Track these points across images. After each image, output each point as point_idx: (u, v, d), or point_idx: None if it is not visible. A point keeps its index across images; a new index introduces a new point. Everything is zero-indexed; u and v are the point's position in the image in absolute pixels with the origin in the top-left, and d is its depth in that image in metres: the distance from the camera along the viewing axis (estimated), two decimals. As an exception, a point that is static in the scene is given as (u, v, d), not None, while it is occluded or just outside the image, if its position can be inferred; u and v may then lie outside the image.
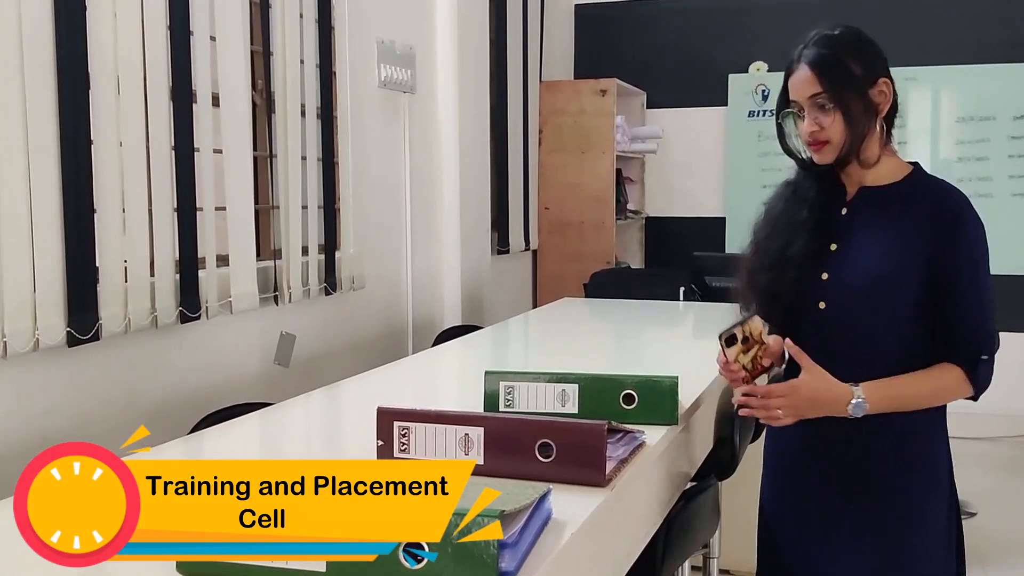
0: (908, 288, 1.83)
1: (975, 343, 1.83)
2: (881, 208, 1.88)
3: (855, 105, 1.82)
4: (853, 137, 1.83)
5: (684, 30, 6.26)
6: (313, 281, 3.43)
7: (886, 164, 1.90)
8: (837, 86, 1.82)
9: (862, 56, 1.85)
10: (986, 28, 5.75)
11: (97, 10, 2.46)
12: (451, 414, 1.67)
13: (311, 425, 2.28)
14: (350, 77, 3.65)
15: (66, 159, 2.37)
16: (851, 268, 1.87)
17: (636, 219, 6.25)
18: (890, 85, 1.87)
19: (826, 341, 1.87)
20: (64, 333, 2.38)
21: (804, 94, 1.86)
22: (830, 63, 1.84)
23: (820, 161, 1.89)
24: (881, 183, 1.90)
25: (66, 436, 2.46)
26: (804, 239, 1.90)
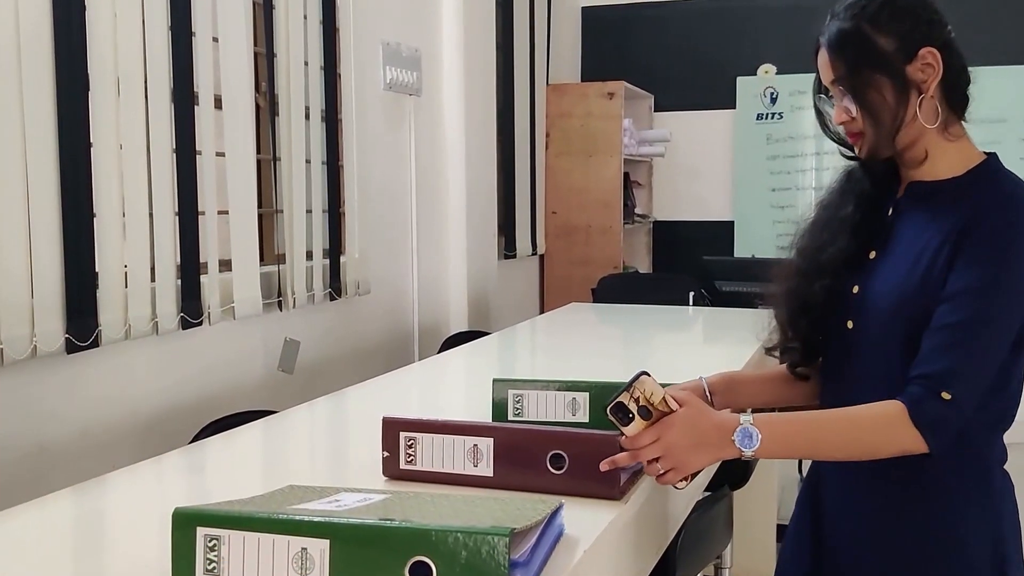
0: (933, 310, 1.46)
1: (935, 370, 1.40)
2: (929, 209, 1.52)
3: (881, 90, 1.48)
4: (878, 132, 1.49)
5: (692, 32, 6.22)
6: (317, 286, 3.38)
7: (947, 153, 1.52)
8: (855, 70, 1.49)
9: (896, 24, 1.49)
10: (997, 30, 5.69)
11: (97, 9, 2.41)
12: (459, 424, 1.60)
13: (315, 435, 2.22)
14: (355, 79, 3.61)
15: (65, 162, 2.33)
16: (883, 282, 1.54)
17: (644, 223, 6.20)
18: (937, 55, 1.48)
19: (853, 367, 1.56)
20: (62, 339, 2.33)
21: (825, 79, 1.56)
22: (849, 41, 1.50)
23: (861, 155, 1.57)
24: (937, 177, 1.53)
25: (64, 446, 2.41)
26: (844, 242, 1.60)
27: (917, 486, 1.54)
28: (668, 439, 1.42)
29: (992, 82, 6.03)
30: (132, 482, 1.74)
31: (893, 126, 1.49)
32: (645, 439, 1.42)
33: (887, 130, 1.49)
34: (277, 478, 1.79)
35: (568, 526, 1.39)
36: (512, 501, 1.35)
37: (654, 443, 1.42)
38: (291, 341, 3.26)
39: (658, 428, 1.42)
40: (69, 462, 2.42)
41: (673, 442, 1.42)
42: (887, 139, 1.50)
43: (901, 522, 1.57)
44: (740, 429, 1.42)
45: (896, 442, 1.43)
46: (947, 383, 1.40)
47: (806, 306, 1.64)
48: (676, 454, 1.42)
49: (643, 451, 1.43)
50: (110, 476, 1.76)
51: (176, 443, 2.41)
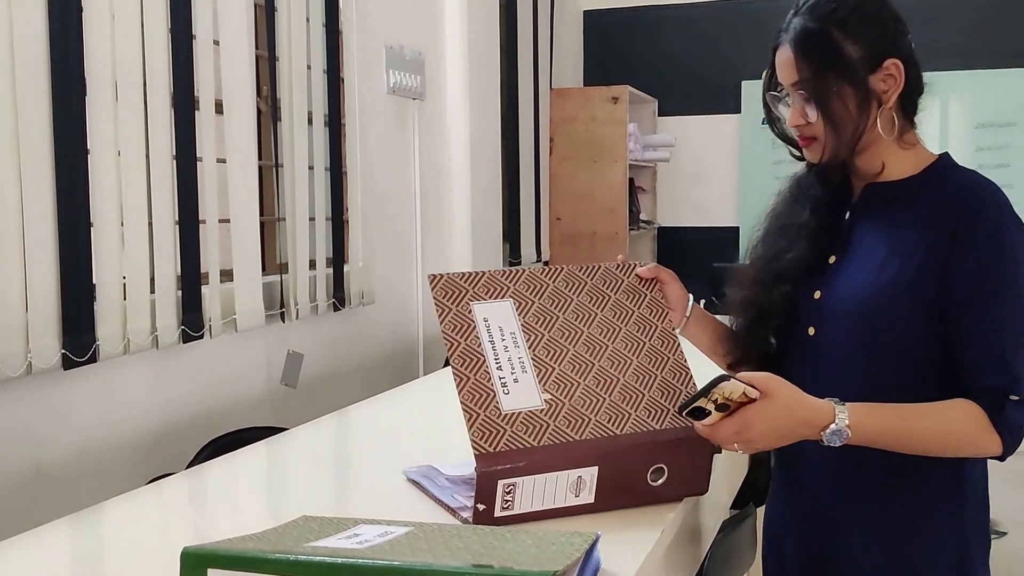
0: (913, 311, 1.44)
1: (1001, 376, 1.39)
2: (888, 210, 1.51)
3: (844, 99, 1.45)
4: (839, 141, 1.47)
5: (696, 36, 6.14)
6: (321, 296, 3.28)
7: (901, 157, 1.51)
8: (820, 75, 1.45)
9: (863, 31, 1.45)
10: (1005, 32, 5.62)
11: (94, 11, 2.31)
12: (562, 457, 1.41)
13: (321, 457, 2.13)
14: (358, 83, 3.51)
15: (60, 169, 2.23)
16: (846, 287, 1.50)
17: (648, 229, 6.11)
18: (900, 67, 1.46)
19: (816, 376, 1.50)
20: (59, 355, 2.23)
21: (785, 79, 1.50)
22: (814, 43, 1.45)
23: (810, 159, 1.54)
24: (892, 178, 1.52)
25: (62, 467, 2.31)
26: (803, 248, 1.56)
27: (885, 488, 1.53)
28: (750, 434, 1.37)
29: (1002, 85, 5.99)
30: (131, 511, 1.65)
31: (853, 136, 1.47)
32: (726, 431, 1.38)
33: (846, 140, 1.47)
34: (283, 505, 1.70)
35: (604, 559, 1.30)
36: (547, 536, 1.25)
37: (735, 434, 1.37)
38: (294, 354, 3.16)
39: (739, 421, 1.36)
40: (67, 484, 2.32)
41: (755, 437, 1.38)
42: (846, 148, 1.48)
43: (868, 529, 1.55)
44: (833, 430, 1.37)
45: (975, 446, 1.42)
46: (1016, 387, 1.39)
47: (765, 315, 1.61)
48: (757, 444, 1.40)
49: (723, 441, 1.40)
50: (108, 504, 1.66)
51: (178, 462, 2.32)
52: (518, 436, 1.38)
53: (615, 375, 1.47)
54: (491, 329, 1.42)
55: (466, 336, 1.41)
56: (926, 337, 1.45)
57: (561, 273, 1.52)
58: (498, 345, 1.41)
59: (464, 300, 1.42)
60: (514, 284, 1.46)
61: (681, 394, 1.51)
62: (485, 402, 1.38)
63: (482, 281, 1.45)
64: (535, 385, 1.41)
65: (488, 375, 1.39)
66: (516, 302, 1.45)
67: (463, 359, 1.40)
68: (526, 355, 1.42)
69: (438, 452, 1.90)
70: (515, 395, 1.40)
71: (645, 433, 1.45)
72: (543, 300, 1.47)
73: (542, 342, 1.44)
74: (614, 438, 1.42)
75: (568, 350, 1.46)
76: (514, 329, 1.43)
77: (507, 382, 1.40)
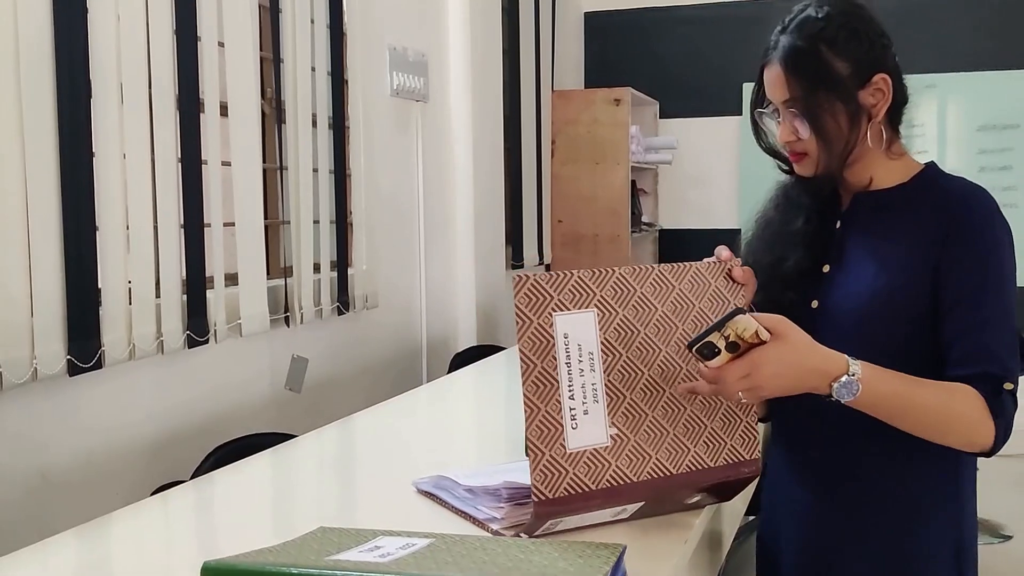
0: (909, 309, 1.47)
1: (994, 366, 1.41)
2: (879, 217, 1.55)
3: (835, 115, 1.48)
4: (830, 156, 1.49)
5: (696, 38, 6.12)
6: (325, 300, 3.25)
7: (889, 167, 1.55)
8: (812, 93, 1.47)
9: (851, 48, 1.48)
10: (1008, 34, 5.61)
11: (99, 12, 2.28)
12: (616, 498, 1.37)
13: (327, 466, 2.09)
14: (362, 85, 3.48)
15: (66, 173, 2.20)
16: (843, 296, 1.53)
17: (650, 232, 6.09)
18: (888, 81, 1.50)
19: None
20: (64, 361, 2.20)
21: (775, 97, 1.53)
22: (805, 62, 1.48)
23: (801, 173, 1.57)
24: (881, 187, 1.56)
25: (66, 474, 2.28)
26: (800, 254, 1.58)
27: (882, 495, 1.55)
28: (758, 378, 1.31)
29: (1004, 87, 5.98)
30: (138, 522, 1.61)
31: (845, 151, 1.49)
32: (734, 375, 1.31)
33: (838, 155, 1.50)
34: (293, 517, 1.67)
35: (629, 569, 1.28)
36: (572, 548, 1.22)
37: (742, 378, 1.31)
38: (299, 358, 3.13)
39: (747, 364, 1.31)
40: (72, 491, 2.29)
41: (764, 382, 1.32)
42: (838, 163, 1.50)
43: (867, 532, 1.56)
44: (846, 380, 1.34)
45: (973, 430, 1.40)
46: (1008, 376, 1.41)
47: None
48: (764, 391, 1.34)
49: (730, 386, 1.32)
50: (115, 516, 1.63)
51: (183, 468, 2.29)
52: (578, 479, 1.31)
53: (682, 405, 1.40)
54: (570, 347, 1.31)
55: (543, 357, 1.29)
56: (924, 343, 1.47)
57: (651, 276, 1.40)
58: (574, 368, 1.31)
59: (547, 310, 1.30)
60: (601, 289, 1.35)
61: (740, 424, 1.45)
62: (552, 439, 1.29)
63: (568, 286, 1.33)
64: (604, 418, 1.33)
65: (559, 406, 1.29)
66: (600, 312, 1.34)
67: (536, 386, 1.29)
68: (600, 381, 1.33)
69: (445, 462, 1.88)
70: (583, 430, 1.31)
71: (698, 472, 1.41)
72: (627, 311, 1.37)
73: (618, 365, 1.35)
74: (669, 478, 1.38)
75: (642, 375, 1.37)
76: (593, 349, 1.33)
77: (577, 414, 1.30)
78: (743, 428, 1.45)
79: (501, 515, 1.40)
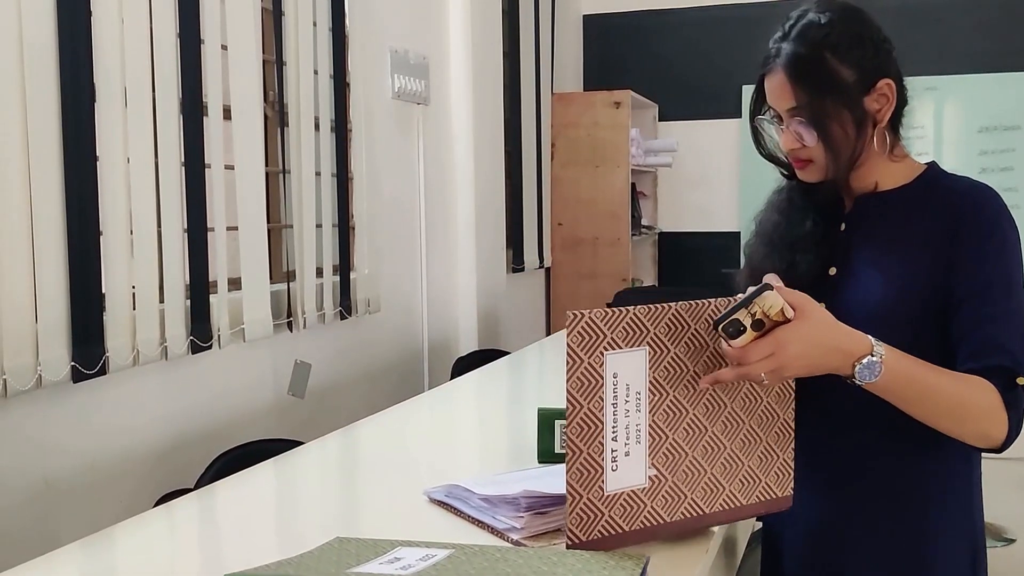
0: (922, 312, 1.45)
1: (1005, 358, 1.39)
2: (884, 219, 1.53)
3: (842, 123, 1.46)
4: (838, 163, 1.47)
5: (696, 40, 6.11)
6: (328, 305, 3.22)
7: (892, 170, 1.54)
8: (818, 101, 1.45)
9: (855, 54, 1.46)
10: (1008, 35, 5.60)
11: (103, 16, 2.26)
12: (647, 537, 1.34)
13: (334, 475, 2.06)
14: (363, 88, 3.46)
15: (70, 177, 2.17)
16: (849, 299, 1.50)
17: (650, 235, 6.07)
18: (893, 86, 1.48)
19: (826, 388, 1.45)
20: (68, 368, 2.18)
21: (779, 105, 1.50)
22: (810, 70, 1.45)
23: (805, 179, 1.54)
24: (885, 188, 1.54)
25: (71, 481, 2.26)
26: (809, 258, 1.55)
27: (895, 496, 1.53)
28: (783, 357, 1.28)
29: (1005, 89, 5.97)
30: (143, 535, 1.58)
31: (852, 158, 1.47)
32: (758, 354, 1.27)
33: (844, 162, 1.48)
34: (301, 527, 1.64)
35: (653, 583, 1.26)
36: (595, 559, 1.20)
37: (767, 358, 1.27)
38: (302, 364, 3.11)
39: (772, 342, 1.27)
40: (77, 499, 2.27)
41: (788, 361, 1.28)
42: (844, 171, 1.49)
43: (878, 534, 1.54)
44: (868, 361, 1.31)
45: (988, 421, 1.38)
46: (1021, 370, 1.38)
47: None
48: (788, 370, 1.30)
49: (754, 366, 1.28)
50: (119, 528, 1.60)
51: (187, 475, 2.26)
52: (613, 521, 1.28)
53: (723, 443, 1.36)
54: (617, 388, 1.25)
55: (590, 398, 1.23)
56: (935, 342, 1.44)
57: (706, 311, 1.33)
58: (620, 409, 1.26)
59: (599, 349, 1.23)
60: (655, 327, 1.28)
61: (777, 461, 1.41)
62: (590, 481, 1.25)
63: (623, 323, 1.25)
64: (644, 459, 1.28)
65: (600, 448, 1.24)
66: (652, 351, 1.28)
67: (580, 428, 1.24)
68: (644, 422, 1.27)
69: (453, 470, 1.86)
70: (622, 471, 1.27)
71: (731, 511, 1.38)
72: (679, 348, 1.30)
73: (664, 404, 1.29)
74: (701, 517, 1.35)
75: (687, 413, 1.32)
76: (640, 388, 1.27)
77: (618, 456, 1.26)
78: (780, 465, 1.41)
79: (521, 524, 1.38)
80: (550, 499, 1.42)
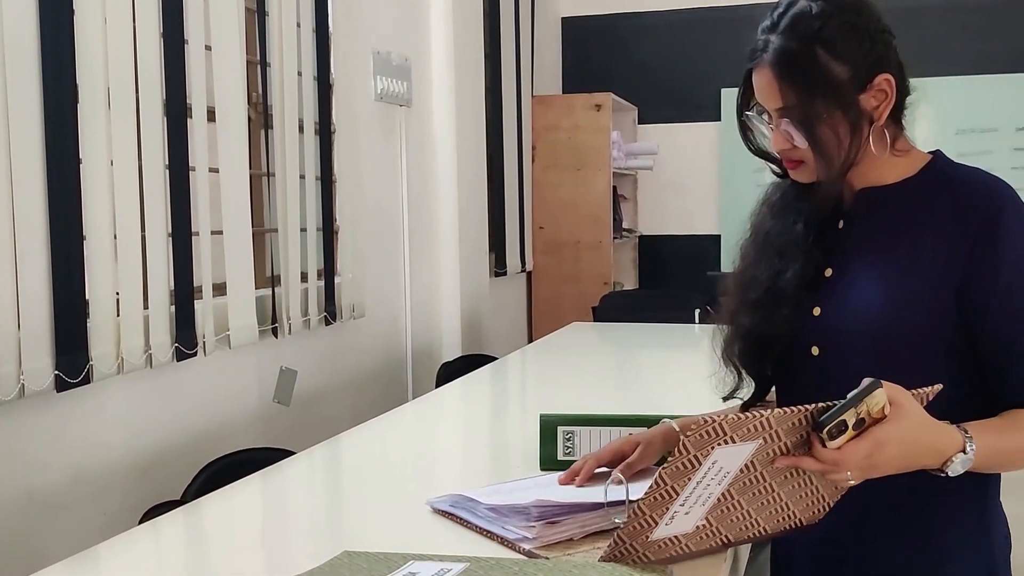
0: (931, 320, 1.34)
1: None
2: (888, 215, 1.39)
3: (834, 125, 1.33)
4: (830, 169, 1.35)
5: (674, 43, 6.09)
6: (313, 310, 3.17)
7: (894, 163, 1.40)
8: (808, 101, 1.32)
9: (851, 48, 1.32)
10: (987, 38, 5.63)
11: (86, 15, 2.20)
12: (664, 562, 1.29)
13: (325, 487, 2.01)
14: (347, 90, 3.41)
15: (53, 180, 2.11)
16: (849, 300, 1.39)
17: (630, 238, 6.05)
18: (892, 81, 1.34)
19: (826, 393, 1.31)
20: (52, 376, 2.12)
21: (767, 103, 1.37)
22: (799, 67, 1.32)
23: (798, 179, 1.42)
24: (887, 182, 1.40)
25: (55, 494, 2.19)
26: (799, 263, 1.42)
27: (910, 527, 1.42)
28: (879, 459, 1.17)
29: (982, 91, 5.97)
30: (129, 553, 1.52)
31: (846, 163, 1.34)
32: (856, 456, 1.16)
33: (837, 167, 1.35)
34: (298, 542, 1.58)
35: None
36: (617, 570, 1.17)
37: (864, 458, 1.17)
38: (287, 371, 3.05)
39: (871, 444, 1.16)
40: (61, 512, 2.20)
41: (883, 463, 1.18)
42: (838, 175, 1.36)
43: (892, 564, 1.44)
44: (962, 460, 1.23)
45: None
46: None
47: (768, 341, 1.44)
48: (878, 471, 1.20)
49: (850, 470, 1.17)
50: (106, 545, 1.53)
51: (173, 485, 2.20)
52: (645, 556, 1.24)
53: (780, 495, 1.26)
54: (711, 471, 1.15)
55: (679, 480, 1.15)
56: (947, 349, 1.34)
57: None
58: (702, 484, 1.17)
59: (711, 446, 1.13)
60: (780, 425, 1.15)
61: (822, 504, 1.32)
62: (641, 534, 1.21)
63: (749, 426, 1.14)
64: (702, 516, 1.22)
65: (664, 511, 1.18)
66: (764, 442, 1.16)
67: (655, 500, 1.17)
68: (719, 491, 1.19)
69: (453, 479, 1.81)
70: (675, 524, 1.21)
71: (755, 537, 1.32)
72: (790, 439, 1.18)
73: (748, 478, 1.20)
74: (724, 545, 1.31)
75: (763, 481, 1.23)
76: (732, 469, 1.17)
77: (677, 515, 1.19)
78: (820, 506, 1.33)
79: (533, 535, 1.34)
80: (562, 508, 1.39)
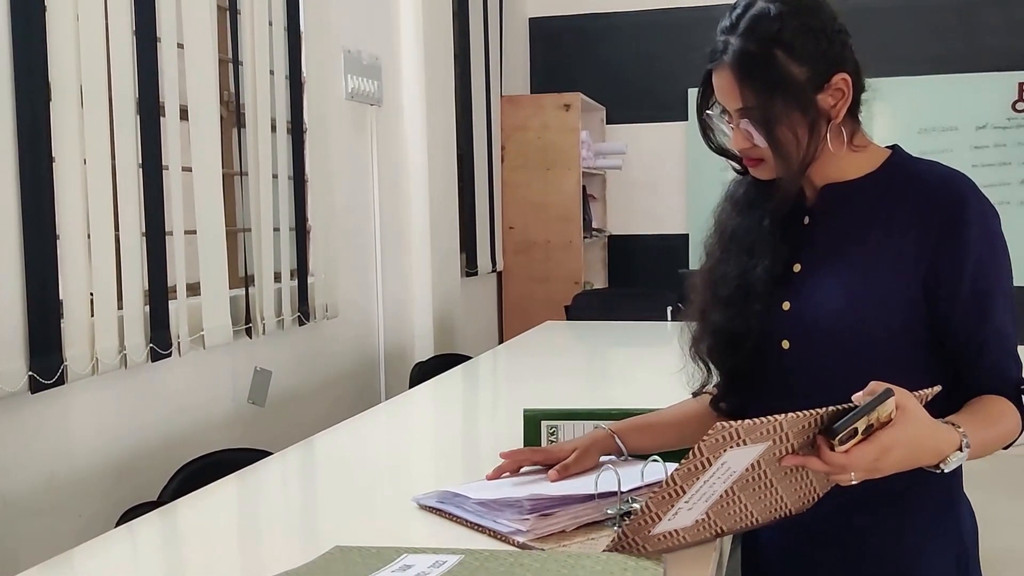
0: (900, 312, 1.37)
1: (1013, 368, 1.37)
2: (852, 210, 1.43)
3: (793, 125, 1.36)
4: (788, 167, 1.38)
5: (640, 44, 6.11)
6: (287, 310, 3.15)
7: (854, 159, 1.43)
8: (767, 102, 1.35)
9: (809, 49, 1.36)
10: (947, 39, 5.71)
11: (57, 12, 2.17)
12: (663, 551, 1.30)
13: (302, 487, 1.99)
14: (318, 88, 3.39)
15: (25, 179, 2.08)
16: (819, 295, 1.41)
17: (599, 237, 6.06)
18: (849, 80, 1.38)
19: (794, 392, 1.39)
20: (25, 378, 2.08)
21: (727, 103, 1.40)
22: (759, 69, 1.35)
23: (758, 176, 1.45)
24: (849, 177, 1.44)
25: (29, 497, 2.16)
26: (768, 259, 1.44)
27: (879, 518, 1.44)
28: (884, 462, 1.18)
29: (942, 91, 6.05)
30: (105, 558, 1.49)
31: (804, 161, 1.38)
32: (863, 461, 1.17)
33: (796, 166, 1.38)
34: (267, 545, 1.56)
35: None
36: (613, 561, 1.17)
37: (871, 461, 1.18)
38: (262, 371, 3.02)
39: (878, 448, 1.17)
40: (36, 515, 2.17)
41: (887, 465, 1.19)
42: (796, 173, 1.39)
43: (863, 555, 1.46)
44: (957, 457, 1.24)
45: (1014, 436, 1.36)
46: (1020, 375, 1.37)
47: (739, 337, 1.46)
48: (881, 473, 1.20)
49: (857, 472, 1.18)
50: (79, 550, 1.51)
51: (149, 488, 2.18)
52: (643, 548, 1.24)
53: (777, 489, 1.26)
54: (718, 471, 1.15)
55: (688, 480, 1.16)
56: (913, 341, 1.38)
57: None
58: (708, 483, 1.17)
59: (724, 448, 1.13)
60: (791, 428, 1.15)
61: (813, 496, 1.32)
62: (644, 528, 1.22)
63: (763, 429, 1.14)
64: (703, 511, 1.22)
65: (668, 508, 1.19)
66: (774, 443, 1.16)
67: (663, 498, 1.17)
68: (723, 488, 1.19)
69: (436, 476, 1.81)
70: (678, 520, 1.22)
71: (743, 527, 1.32)
72: (798, 440, 1.18)
73: (752, 476, 1.20)
74: (717, 535, 1.32)
75: (765, 478, 1.23)
76: (739, 468, 1.17)
77: (680, 511, 1.20)
78: (811, 496, 1.33)
79: (526, 527, 1.34)
80: (554, 500, 1.39)
